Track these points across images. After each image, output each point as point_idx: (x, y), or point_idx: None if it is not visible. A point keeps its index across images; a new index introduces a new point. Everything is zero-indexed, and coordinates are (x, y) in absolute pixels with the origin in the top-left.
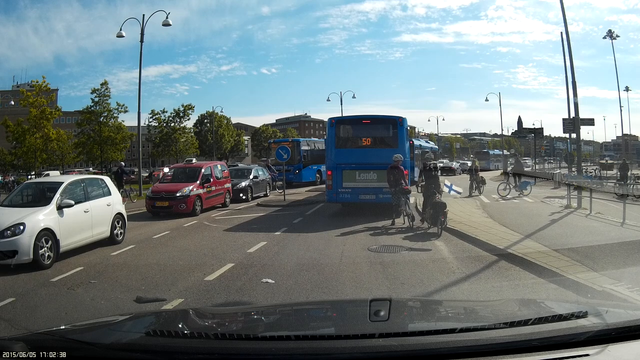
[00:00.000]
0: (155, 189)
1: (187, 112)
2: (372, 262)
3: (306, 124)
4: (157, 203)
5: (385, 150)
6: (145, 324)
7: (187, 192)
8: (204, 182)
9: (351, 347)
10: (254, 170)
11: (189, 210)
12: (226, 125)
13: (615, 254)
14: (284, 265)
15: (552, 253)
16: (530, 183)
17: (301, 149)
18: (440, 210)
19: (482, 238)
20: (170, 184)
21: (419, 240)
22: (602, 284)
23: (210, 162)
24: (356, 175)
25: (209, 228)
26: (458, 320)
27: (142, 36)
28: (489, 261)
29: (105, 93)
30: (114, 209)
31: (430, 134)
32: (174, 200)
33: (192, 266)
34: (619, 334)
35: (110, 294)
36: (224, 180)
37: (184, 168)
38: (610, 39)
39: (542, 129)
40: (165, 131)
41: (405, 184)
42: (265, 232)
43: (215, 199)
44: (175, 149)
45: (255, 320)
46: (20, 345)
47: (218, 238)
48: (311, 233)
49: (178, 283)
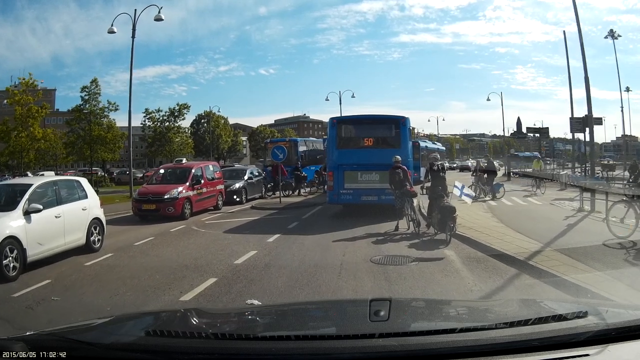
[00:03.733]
0: (142, 191)
1: (182, 112)
2: (375, 277)
3: (305, 124)
4: (144, 206)
5: (387, 151)
6: (145, 324)
7: (175, 194)
8: (194, 184)
9: (351, 347)
10: (249, 171)
11: (177, 214)
12: (223, 126)
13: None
14: (274, 281)
15: (579, 265)
16: (502, 185)
17: (299, 149)
18: (449, 214)
19: (497, 246)
20: (158, 185)
21: (427, 249)
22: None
23: (202, 163)
24: (358, 176)
25: (196, 234)
26: (458, 320)
27: (134, 32)
28: (508, 275)
29: (95, 91)
30: (91, 214)
31: (430, 134)
32: (162, 202)
33: (169, 281)
34: (619, 334)
35: (69, 316)
36: (217, 181)
37: (173, 169)
38: (612, 39)
39: (547, 128)
40: (159, 130)
41: (410, 186)
42: (257, 238)
43: (206, 202)
44: (169, 149)
45: (255, 320)
46: (20, 345)
47: (204, 246)
48: (307, 240)
49: (149, 304)
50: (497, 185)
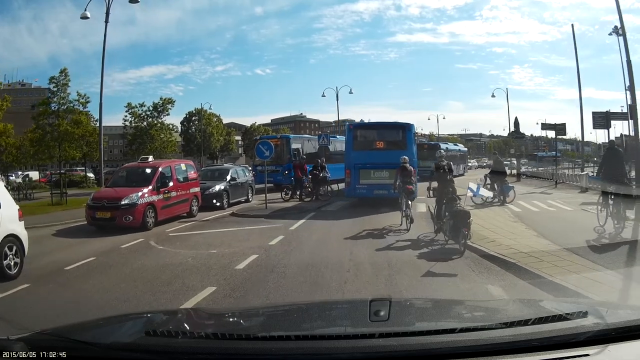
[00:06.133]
0: (97, 195)
1: (167, 107)
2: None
3: (301, 123)
4: (98, 213)
5: (395, 152)
6: (145, 324)
7: (135, 199)
8: (161, 186)
9: (351, 347)
10: (232, 171)
11: (137, 224)
12: (216, 124)
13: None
14: None
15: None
16: (512, 187)
17: (291, 147)
18: (463, 221)
19: (533, 268)
20: (116, 188)
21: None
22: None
23: (172, 161)
24: (371, 173)
25: (149, 252)
26: (458, 320)
27: (107, 16)
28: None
29: (63, 82)
30: (3, 230)
31: (430, 134)
32: (118, 210)
33: None
34: (619, 334)
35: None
36: (190, 183)
37: (135, 168)
38: (617, 36)
39: (564, 124)
40: (140, 127)
41: (409, 184)
42: (224, 263)
43: (176, 208)
44: (152, 147)
45: (255, 320)
46: (20, 345)
47: (150, 275)
48: (290, 265)
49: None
50: (506, 187)
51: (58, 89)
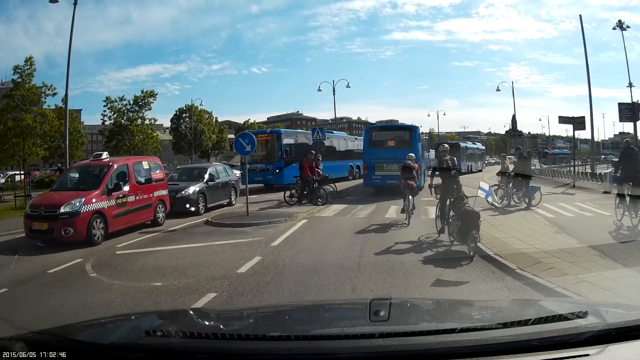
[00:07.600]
0: (35, 202)
1: (149, 101)
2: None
3: (298, 121)
4: (35, 225)
5: (404, 149)
6: (145, 324)
7: (76, 206)
8: (113, 190)
9: (351, 347)
10: (211, 170)
11: (80, 237)
12: (207, 121)
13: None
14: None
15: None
16: (538, 188)
17: (282, 143)
18: (472, 222)
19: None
20: (60, 192)
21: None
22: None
23: (131, 158)
24: (384, 167)
25: (75, 285)
26: (458, 320)
27: None
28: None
29: (28, 72)
30: None
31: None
32: (56, 220)
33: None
34: (619, 334)
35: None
36: (156, 185)
37: (86, 167)
38: (621, 30)
39: (583, 117)
40: (119, 122)
41: (411, 180)
42: (177, 301)
43: (134, 216)
44: (131, 144)
45: (255, 320)
46: (20, 345)
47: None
48: (266, 299)
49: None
50: (532, 189)
51: (22, 79)
